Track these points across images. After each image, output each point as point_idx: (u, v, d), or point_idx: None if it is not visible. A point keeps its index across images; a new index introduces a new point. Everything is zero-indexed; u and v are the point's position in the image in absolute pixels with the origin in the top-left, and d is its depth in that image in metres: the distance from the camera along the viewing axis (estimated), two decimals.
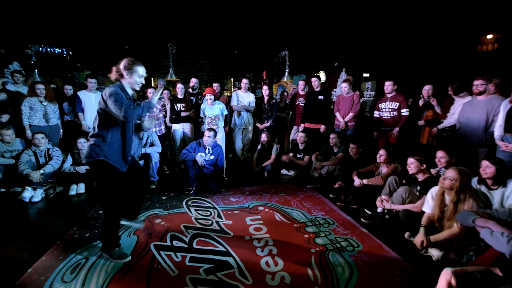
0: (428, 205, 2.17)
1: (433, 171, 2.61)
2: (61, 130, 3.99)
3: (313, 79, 4.39)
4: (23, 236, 2.33)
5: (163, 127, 4.21)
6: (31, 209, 2.94)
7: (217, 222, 2.58)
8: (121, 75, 1.84)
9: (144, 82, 1.92)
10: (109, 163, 1.82)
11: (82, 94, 3.90)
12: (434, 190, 2.20)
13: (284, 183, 3.85)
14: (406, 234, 2.32)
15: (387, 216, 2.68)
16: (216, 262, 1.95)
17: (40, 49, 5.06)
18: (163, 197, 3.22)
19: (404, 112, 3.80)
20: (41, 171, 3.19)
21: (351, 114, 4.10)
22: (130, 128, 1.92)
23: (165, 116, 4.28)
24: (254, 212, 2.83)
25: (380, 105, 4.02)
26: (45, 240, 2.24)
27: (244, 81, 4.29)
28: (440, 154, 2.54)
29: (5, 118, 3.51)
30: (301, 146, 4.19)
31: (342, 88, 4.20)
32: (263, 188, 3.57)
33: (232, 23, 6.27)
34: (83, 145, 3.45)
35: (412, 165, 2.51)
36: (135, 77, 1.85)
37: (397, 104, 3.83)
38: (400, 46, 7.39)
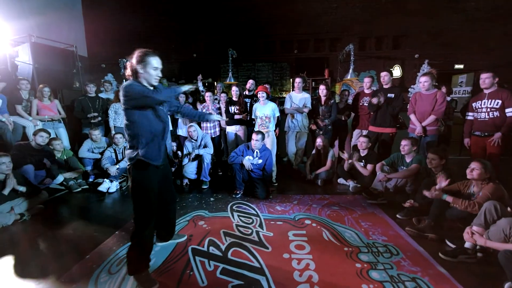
0: None
1: None
2: None
3: (383, 73, 3.74)
4: (94, 223, 2.70)
5: (217, 129, 4.33)
6: (108, 198, 3.43)
7: (257, 232, 2.42)
8: (136, 72, 1.71)
9: (161, 75, 1.76)
10: (146, 161, 1.71)
11: None
12: None
13: (340, 195, 3.39)
14: (507, 286, 1.63)
15: (479, 255, 1.98)
16: (247, 280, 1.79)
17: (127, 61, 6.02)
18: (211, 199, 3.27)
19: (510, 111, 2.84)
20: (117, 166, 3.70)
21: (432, 117, 3.28)
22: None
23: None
24: (300, 225, 2.55)
25: (474, 104, 3.12)
26: (108, 228, 2.54)
27: (297, 80, 3.99)
28: None
29: (97, 118, 4.25)
30: (362, 153, 3.63)
31: (421, 83, 3.40)
32: (314, 198, 3.22)
33: (290, 20, 6.03)
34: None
35: None
36: (150, 70, 1.69)
37: (499, 102, 2.89)
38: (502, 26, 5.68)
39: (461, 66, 6.78)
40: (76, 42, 6.05)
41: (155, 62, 1.71)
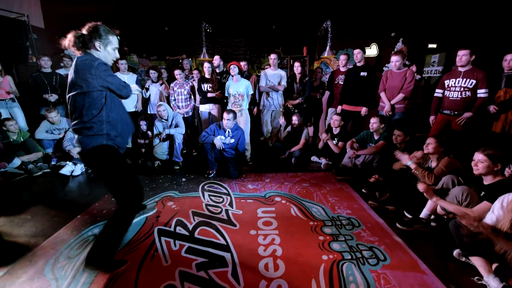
0: (493, 215, 1.59)
1: (508, 172, 1.91)
2: None
3: (356, 51, 3.70)
4: (54, 207, 2.56)
5: (189, 108, 4.17)
6: (72, 182, 3.26)
7: (226, 211, 2.42)
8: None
9: (118, 56, 1.65)
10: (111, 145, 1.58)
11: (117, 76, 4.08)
12: (507, 199, 1.59)
13: (312, 172, 3.46)
14: (455, 252, 1.77)
15: (433, 224, 2.12)
16: (212, 257, 1.80)
17: None
18: (183, 179, 3.21)
19: (483, 93, 2.86)
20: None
21: (400, 95, 3.34)
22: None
23: (192, 98, 4.21)
24: (269, 203, 2.58)
25: (447, 81, 3.07)
26: (69, 213, 2.42)
27: (272, 56, 3.86)
28: None
29: (54, 98, 3.89)
30: (335, 131, 3.68)
31: (393, 62, 3.42)
32: (286, 176, 3.26)
33: None
34: (144, 127, 3.76)
35: (481, 164, 1.82)
36: (109, 49, 1.60)
37: (473, 82, 2.88)
38: (478, 6, 5.78)
39: (434, 46, 6.90)
40: (29, 11, 5.39)
41: (115, 41, 1.62)
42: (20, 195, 2.89)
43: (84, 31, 1.55)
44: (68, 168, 3.33)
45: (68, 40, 1.54)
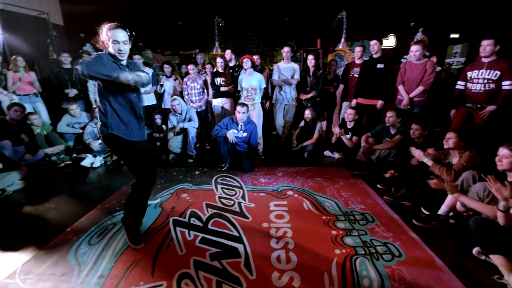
0: None
1: None
2: None
3: (372, 42, 3.56)
4: (76, 197, 2.69)
5: (202, 102, 4.21)
6: (92, 173, 3.40)
7: (239, 204, 2.45)
8: (104, 46, 1.70)
9: (122, 49, 1.67)
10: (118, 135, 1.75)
11: None
12: None
13: (325, 167, 3.42)
14: (475, 250, 1.71)
15: (451, 221, 2.05)
16: (225, 248, 1.83)
17: None
18: (197, 172, 3.26)
19: (508, 85, 2.70)
20: (100, 141, 3.62)
21: (419, 88, 3.21)
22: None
23: (205, 92, 4.24)
24: (282, 196, 2.58)
25: (470, 73, 2.92)
26: (89, 202, 2.53)
27: (285, 49, 3.80)
28: None
29: (73, 92, 4.04)
30: (349, 125, 3.60)
31: (412, 52, 3.26)
32: (299, 171, 3.25)
33: None
34: (159, 121, 3.87)
35: (505, 159, 1.71)
36: (110, 44, 1.65)
37: (498, 73, 2.72)
38: None
39: (457, 36, 6.55)
40: (49, 9, 5.58)
41: (115, 35, 1.65)
42: (44, 185, 3.05)
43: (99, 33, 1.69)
44: (88, 160, 3.47)
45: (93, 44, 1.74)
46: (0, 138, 3.09)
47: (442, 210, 2.09)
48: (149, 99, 4.18)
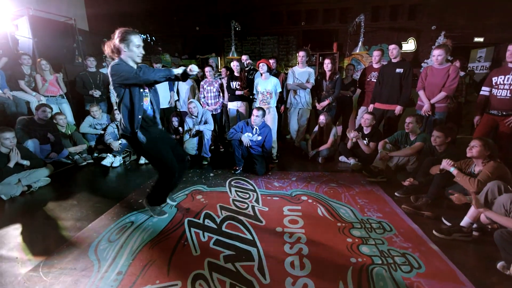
0: None
1: None
2: None
3: (391, 46, 3.49)
4: (96, 195, 2.80)
5: (218, 106, 4.27)
6: (111, 172, 3.53)
7: (253, 207, 2.45)
8: (119, 50, 1.80)
9: (143, 52, 1.82)
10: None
11: None
12: None
13: (341, 172, 3.36)
14: (500, 264, 1.62)
15: (475, 233, 1.96)
16: (239, 250, 1.84)
17: None
18: (211, 174, 3.31)
19: None
20: (120, 142, 3.76)
21: (442, 94, 3.09)
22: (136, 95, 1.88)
23: (220, 95, 4.31)
24: (295, 201, 2.56)
25: (495, 79, 2.81)
26: (109, 200, 2.63)
27: (300, 53, 3.80)
28: None
29: (97, 93, 4.23)
30: (366, 131, 3.53)
31: (434, 56, 3.14)
32: (313, 176, 3.21)
33: None
34: (176, 123, 4.06)
35: None
36: (133, 48, 1.78)
37: None
38: None
39: (481, 39, 6.29)
40: (76, 15, 5.88)
41: (137, 40, 1.79)
42: (67, 182, 3.19)
43: (113, 40, 1.79)
44: (108, 160, 3.61)
45: (106, 50, 1.83)
46: (28, 136, 3.28)
47: (465, 221, 2.00)
48: (165, 102, 4.30)
